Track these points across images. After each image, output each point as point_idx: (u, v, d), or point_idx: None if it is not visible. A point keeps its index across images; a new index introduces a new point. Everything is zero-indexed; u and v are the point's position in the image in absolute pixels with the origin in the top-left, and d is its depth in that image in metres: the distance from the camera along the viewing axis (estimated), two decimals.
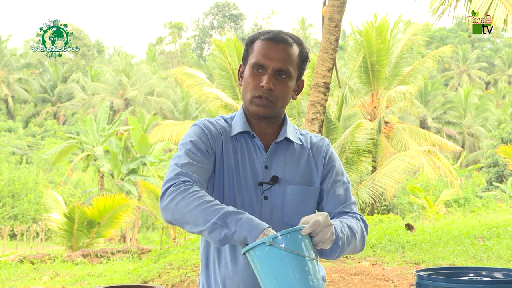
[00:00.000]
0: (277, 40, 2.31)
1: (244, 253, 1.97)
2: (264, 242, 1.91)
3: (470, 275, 2.50)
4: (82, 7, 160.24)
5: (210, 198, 2.10)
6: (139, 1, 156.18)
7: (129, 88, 53.58)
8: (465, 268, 2.58)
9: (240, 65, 2.41)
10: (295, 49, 2.33)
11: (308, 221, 2.01)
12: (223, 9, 79.89)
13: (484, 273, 2.50)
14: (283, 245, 1.91)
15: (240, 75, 2.40)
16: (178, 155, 2.27)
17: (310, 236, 2.01)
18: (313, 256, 1.97)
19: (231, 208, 2.05)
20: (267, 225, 2.00)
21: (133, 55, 70.03)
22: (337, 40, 10.55)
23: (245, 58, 2.38)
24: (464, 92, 51.95)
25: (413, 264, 9.78)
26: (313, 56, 20.37)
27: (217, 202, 2.08)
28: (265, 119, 2.37)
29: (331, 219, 2.36)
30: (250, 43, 2.37)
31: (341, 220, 2.26)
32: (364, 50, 21.88)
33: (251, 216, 2.03)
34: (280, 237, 1.91)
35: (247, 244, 2.01)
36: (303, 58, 2.37)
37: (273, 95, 2.30)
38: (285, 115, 2.44)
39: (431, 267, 8.23)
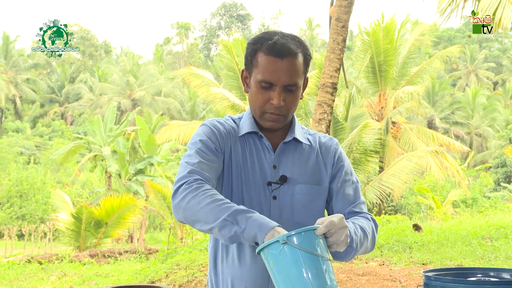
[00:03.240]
0: (282, 55, 2.23)
1: (259, 252, 1.98)
2: (278, 240, 1.90)
3: (478, 275, 2.49)
4: (90, 7, 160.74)
5: (221, 196, 2.10)
6: (146, 1, 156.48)
7: (137, 89, 53.67)
8: (473, 269, 2.57)
9: (243, 70, 2.37)
10: (300, 59, 2.27)
11: (323, 222, 2.00)
12: (231, 9, 79.92)
13: (492, 273, 2.50)
14: (297, 244, 1.91)
15: (244, 80, 2.37)
16: (189, 154, 2.27)
17: (325, 237, 2.00)
18: (327, 256, 1.97)
19: (242, 207, 2.05)
20: (277, 224, 2.00)
21: (141, 56, 70.25)
22: (344, 41, 10.55)
23: (248, 67, 2.32)
24: (472, 93, 51.82)
25: (420, 265, 9.75)
26: (320, 57, 20.36)
27: (228, 200, 2.08)
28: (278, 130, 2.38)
29: None
30: (252, 53, 2.29)
31: (353, 221, 2.25)
32: (372, 50, 21.85)
33: (261, 215, 2.04)
34: (295, 236, 1.91)
35: (256, 243, 2.01)
36: (307, 62, 2.32)
37: (284, 109, 2.28)
38: (293, 116, 2.43)
39: (438, 267, 8.22)
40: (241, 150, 2.35)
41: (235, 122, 2.42)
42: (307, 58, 2.32)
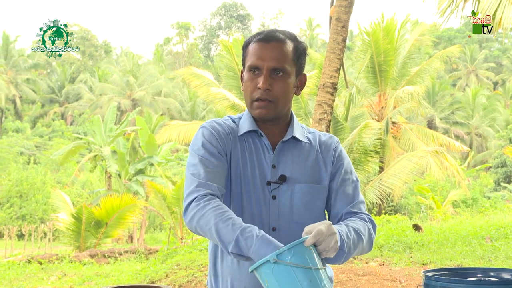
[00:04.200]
0: (268, 40, 2.29)
1: (252, 271, 1.98)
2: (269, 260, 1.91)
3: (478, 275, 2.49)
4: (90, 7, 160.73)
5: (226, 214, 2.10)
6: (146, 1, 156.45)
7: (137, 89, 53.68)
8: (473, 269, 2.57)
9: (242, 70, 2.40)
10: (289, 45, 2.30)
11: (311, 231, 2.00)
12: (231, 9, 79.92)
13: (492, 273, 2.50)
14: (288, 261, 1.91)
15: (242, 78, 2.39)
16: (193, 164, 2.27)
17: (314, 245, 2.00)
18: (319, 265, 1.98)
19: (243, 228, 2.05)
20: (279, 246, 2.00)
21: (141, 56, 70.24)
22: (344, 41, 10.54)
23: (242, 62, 2.38)
24: (472, 93, 51.83)
25: (420, 265, 9.75)
26: (320, 57, 20.36)
27: (232, 217, 2.10)
28: (270, 120, 2.36)
29: (338, 219, 2.36)
30: (245, 46, 2.36)
31: (347, 224, 2.25)
32: (372, 50, 21.85)
33: (264, 236, 2.04)
34: (284, 252, 1.92)
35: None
36: (299, 52, 2.34)
37: (272, 95, 2.28)
38: (292, 114, 2.43)
39: (438, 267, 8.22)
40: (240, 150, 2.35)
41: (234, 122, 2.42)
42: (299, 48, 2.35)
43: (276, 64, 2.27)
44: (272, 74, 2.28)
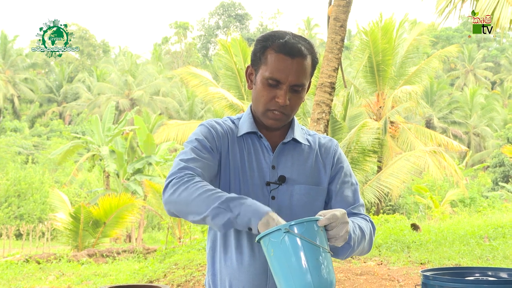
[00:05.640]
0: (293, 55, 2.24)
1: (258, 240, 1.98)
2: (280, 229, 1.92)
3: (476, 275, 2.49)
4: (88, 7, 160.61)
5: (211, 187, 2.11)
6: (144, 1, 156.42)
7: (135, 88, 53.65)
8: (471, 268, 2.58)
9: (248, 66, 2.37)
10: (309, 61, 2.29)
11: (326, 214, 2.01)
12: (229, 9, 79.92)
13: (490, 273, 2.50)
14: (299, 233, 1.91)
15: (249, 77, 2.37)
16: (184, 151, 2.28)
17: (326, 229, 2.01)
18: (327, 248, 1.98)
19: (234, 194, 2.07)
20: (269, 209, 2.01)
21: (139, 55, 70.20)
22: (342, 40, 10.54)
23: (255, 63, 2.32)
24: (470, 92, 51.87)
25: (418, 264, 9.77)
26: (318, 56, 20.35)
27: (219, 190, 2.10)
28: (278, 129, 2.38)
29: None
30: (262, 49, 2.29)
31: (352, 220, 2.25)
32: (370, 50, 21.85)
33: (254, 201, 2.05)
34: (296, 225, 1.92)
35: (250, 228, 2.02)
36: (315, 65, 2.34)
37: (288, 109, 2.29)
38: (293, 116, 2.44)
39: (436, 267, 8.22)
40: (239, 151, 2.35)
41: (233, 122, 2.43)
42: (315, 61, 2.34)
43: (297, 81, 2.26)
44: (291, 90, 2.27)
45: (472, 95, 51.04)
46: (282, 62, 2.24)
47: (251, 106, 2.43)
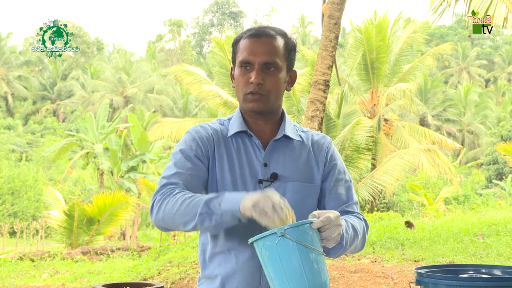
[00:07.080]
0: (259, 35, 2.31)
1: (252, 243, 1.98)
2: (275, 232, 1.93)
3: (470, 272, 2.50)
4: (82, 4, 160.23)
5: (190, 194, 2.15)
6: None
7: (129, 86, 53.58)
8: (464, 266, 2.58)
9: (232, 68, 2.42)
10: (279, 41, 2.33)
11: (319, 215, 2.03)
12: (223, 6, 79.86)
13: (483, 270, 2.51)
14: (294, 237, 1.92)
15: (233, 77, 2.40)
16: (168, 166, 2.31)
17: (319, 231, 2.03)
18: (321, 250, 2.00)
19: (211, 194, 2.12)
20: (244, 193, 2.06)
21: (133, 53, 70.06)
22: (336, 38, 10.55)
23: (233, 60, 2.39)
24: (464, 90, 51.98)
25: (412, 262, 9.78)
26: (312, 54, 20.36)
27: (197, 194, 2.14)
28: (261, 115, 2.37)
29: None
30: (236, 43, 2.38)
31: (345, 219, 2.26)
32: (364, 47, 21.86)
33: (230, 193, 2.11)
34: (291, 228, 1.94)
35: (239, 219, 2.04)
36: (290, 48, 2.36)
37: (264, 89, 2.30)
38: (283, 112, 2.44)
39: (430, 264, 8.23)
40: (227, 151, 2.36)
41: (222, 124, 2.44)
42: (289, 44, 2.37)
43: (267, 58, 2.29)
44: (264, 69, 2.30)
45: (466, 93, 51.14)
46: (250, 44, 2.31)
47: (239, 106, 2.43)
